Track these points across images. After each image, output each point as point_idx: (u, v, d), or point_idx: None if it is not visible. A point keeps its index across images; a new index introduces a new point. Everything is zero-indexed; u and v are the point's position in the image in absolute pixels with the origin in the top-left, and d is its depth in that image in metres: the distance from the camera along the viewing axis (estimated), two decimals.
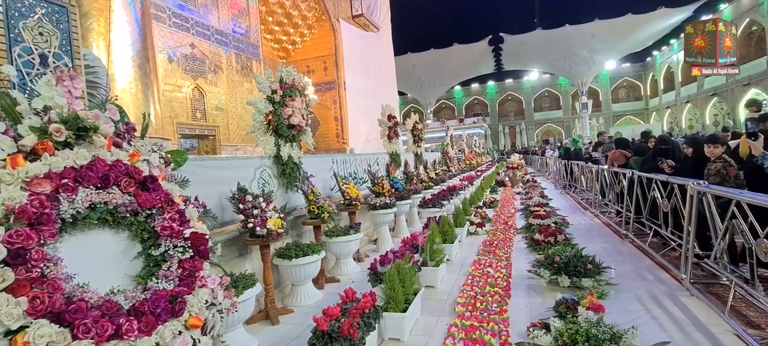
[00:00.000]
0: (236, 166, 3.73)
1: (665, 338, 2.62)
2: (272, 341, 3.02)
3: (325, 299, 3.77)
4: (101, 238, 1.75)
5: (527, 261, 4.57)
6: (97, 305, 1.52)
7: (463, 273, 4.31)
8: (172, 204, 1.98)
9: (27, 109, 1.50)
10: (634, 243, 5.11)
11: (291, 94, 4.10)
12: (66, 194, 1.51)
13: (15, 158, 1.39)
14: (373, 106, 11.62)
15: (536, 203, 8.08)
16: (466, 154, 18.48)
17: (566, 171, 11.63)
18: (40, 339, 1.30)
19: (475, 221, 6.46)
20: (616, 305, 3.27)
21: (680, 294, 3.39)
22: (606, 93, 43.17)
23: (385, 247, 5.30)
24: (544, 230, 5.33)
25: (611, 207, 7.14)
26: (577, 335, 2.40)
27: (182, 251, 1.91)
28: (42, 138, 1.48)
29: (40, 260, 1.38)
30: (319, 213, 4.10)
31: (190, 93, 8.80)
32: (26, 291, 1.33)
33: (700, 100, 30.43)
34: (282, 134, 4.07)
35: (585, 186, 9.38)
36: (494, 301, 3.46)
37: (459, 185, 9.91)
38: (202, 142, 9.33)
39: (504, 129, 44.55)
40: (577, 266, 3.74)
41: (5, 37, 2.03)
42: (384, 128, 7.70)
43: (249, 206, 3.20)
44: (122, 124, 1.91)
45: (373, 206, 5.47)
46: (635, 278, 3.92)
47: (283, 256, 3.59)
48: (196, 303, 1.85)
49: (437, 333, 2.96)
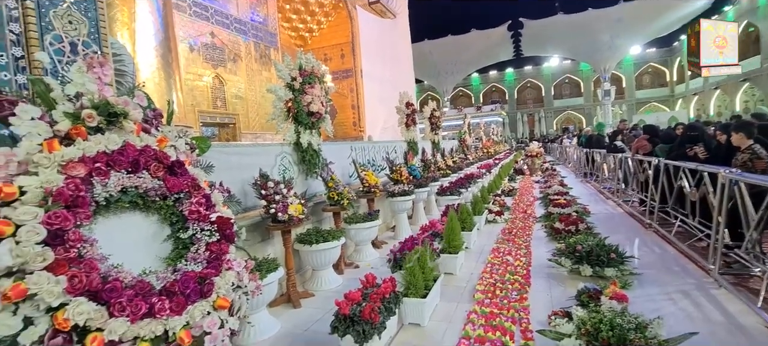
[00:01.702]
0: (257, 152, 3.78)
1: (692, 329, 2.55)
2: (294, 324, 3.09)
3: (344, 284, 3.82)
4: (133, 221, 1.81)
5: (547, 250, 4.51)
6: (131, 285, 1.58)
7: (482, 261, 4.29)
8: (198, 189, 2.03)
9: (60, 96, 1.55)
10: (658, 233, 4.97)
11: (310, 81, 4.11)
12: (99, 177, 1.56)
13: (51, 143, 1.44)
14: (390, 93, 11.53)
15: (556, 191, 7.93)
16: (483, 142, 18.24)
17: (587, 159, 11.36)
18: (80, 316, 1.37)
19: (494, 209, 6.40)
20: (641, 295, 3.20)
21: (708, 286, 3.29)
22: (629, 79, 41.68)
23: (403, 234, 5.31)
24: (565, 219, 5.24)
25: (634, 196, 6.95)
26: (601, 324, 2.35)
27: (209, 235, 1.96)
28: (75, 123, 1.53)
29: (77, 240, 1.44)
30: (339, 200, 4.13)
31: (210, 82, 8.93)
32: (65, 270, 1.39)
33: (731, 86, 29.06)
34: (302, 122, 4.09)
35: (607, 175, 9.14)
36: (514, 289, 3.43)
37: (477, 173, 9.81)
38: (223, 130, 9.49)
39: (522, 117, 43.68)
40: (599, 256, 3.67)
41: (37, 26, 2.09)
42: (402, 116, 7.65)
43: (271, 191, 3.25)
44: (149, 110, 1.95)
45: (391, 193, 5.47)
46: (660, 268, 3.82)
47: (303, 241, 3.65)
48: (223, 285, 1.90)
49: (457, 319, 2.96)
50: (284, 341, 2.82)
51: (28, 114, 1.42)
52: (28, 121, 1.42)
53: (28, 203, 1.34)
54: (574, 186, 9.59)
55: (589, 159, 11.02)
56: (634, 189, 6.96)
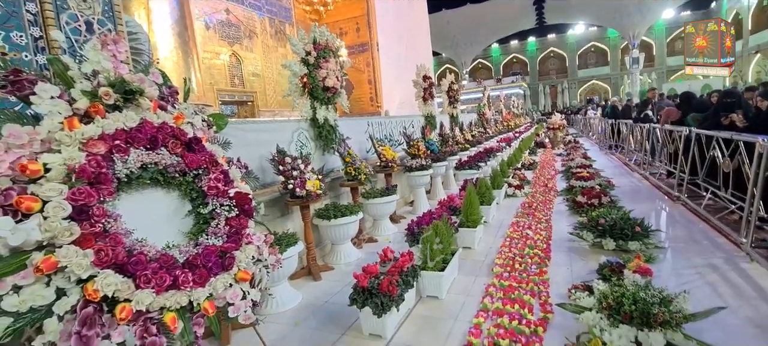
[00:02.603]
0: (274, 129, 3.80)
1: (720, 304, 2.47)
2: (315, 296, 3.16)
3: (363, 258, 3.88)
4: (154, 197, 1.86)
5: (568, 224, 4.42)
6: (155, 258, 1.63)
7: (501, 235, 4.25)
8: (216, 165, 2.05)
9: (77, 74, 1.56)
10: (687, 206, 4.78)
11: (325, 55, 4.05)
12: (119, 154, 1.59)
13: (71, 121, 1.47)
14: (408, 68, 11.31)
15: (579, 164, 7.71)
16: (503, 115, 17.81)
17: (612, 131, 10.95)
18: (108, 287, 1.42)
19: (514, 183, 6.29)
20: (666, 269, 3.11)
21: (739, 259, 3.16)
22: (660, 46, 39.40)
23: (422, 209, 5.31)
24: (588, 192, 5.10)
25: (661, 168, 6.68)
26: (623, 298, 2.30)
27: (228, 210, 1.99)
28: (93, 101, 1.55)
29: (101, 216, 1.48)
30: (356, 175, 4.14)
31: (227, 60, 8.96)
32: (91, 244, 1.44)
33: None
34: (317, 97, 4.06)
35: (633, 147, 8.80)
36: (533, 262, 3.39)
37: (496, 146, 9.62)
38: (242, 108, 9.59)
39: (544, 88, 42.23)
40: (623, 229, 3.56)
41: (52, 5, 2.11)
42: (419, 89, 7.51)
43: (288, 167, 3.27)
44: (165, 87, 1.96)
45: (409, 167, 5.44)
46: (688, 241, 3.69)
47: (322, 216, 3.69)
48: (243, 258, 1.94)
49: (475, 292, 2.96)
50: (305, 312, 2.90)
51: (47, 93, 1.45)
52: (49, 100, 1.44)
53: (52, 180, 1.38)
54: (598, 159, 9.30)
55: (615, 130, 10.62)
56: (661, 161, 6.69)
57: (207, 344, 2.52)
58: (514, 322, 2.44)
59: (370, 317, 2.38)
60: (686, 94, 6.68)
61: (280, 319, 2.82)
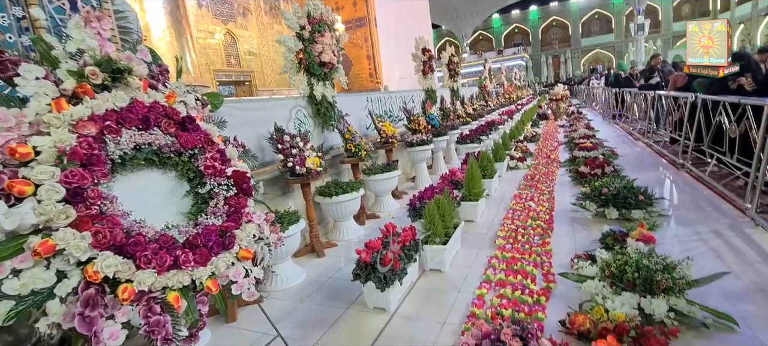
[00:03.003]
0: (272, 107, 3.74)
1: (724, 269, 2.46)
2: (319, 272, 3.19)
3: (366, 234, 3.89)
4: (151, 178, 1.83)
5: (571, 195, 4.40)
6: (155, 239, 1.62)
7: (504, 208, 4.24)
8: (212, 144, 2.01)
9: (62, 54, 1.51)
10: (691, 173, 4.73)
11: (320, 29, 3.94)
12: (111, 135, 1.55)
13: (58, 102, 1.43)
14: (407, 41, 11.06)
15: (581, 135, 7.63)
16: (505, 87, 17.55)
17: (616, 100, 10.78)
18: (108, 268, 1.41)
19: (516, 156, 6.24)
20: (669, 236, 3.10)
21: (743, 225, 3.14)
22: (666, 10, 38.33)
23: (423, 184, 5.29)
24: (591, 163, 5.05)
25: (666, 136, 6.59)
26: (626, 266, 2.30)
27: (226, 189, 1.97)
28: (80, 81, 1.50)
29: (96, 198, 1.46)
30: (356, 151, 4.10)
31: (222, 39, 8.79)
32: (88, 226, 1.42)
33: None
34: (314, 73, 3.98)
35: (637, 115, 8.67)
36: (536, 234, 3.39)
37: (498, 119, 9.52)
38: (239, 89, 9.48)
39: (547, 59, 41.48)
40: (626, 198, 3.54)
41: None
42: (418, 63, 7.36)
43: (287, 145, 3.23)
44: (155, 66, 1.91)
45: (409, 143, 5.39)
46: (691, 208, 3.67)
47: (323, 194, 3.68)
48: (244, 237, 1.93)
49: (478, 265, 2.97)
50: (310, 288, 2.93)
51: (32, 74, 1.40)
52: (34, 82, 1.40)
53: (44, 163, 1.35)
54: (601, 129, 9.20)
55: (618, 99, 10.46)
56: (666, 129, 6.59)
57: (214, 321, 2.55)
58: (517, 292, 2.46)
59: (373, 292, 2.40)
60: None
61: (285, 296, 2.85)
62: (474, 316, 2.27)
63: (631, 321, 1.92)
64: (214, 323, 2.54)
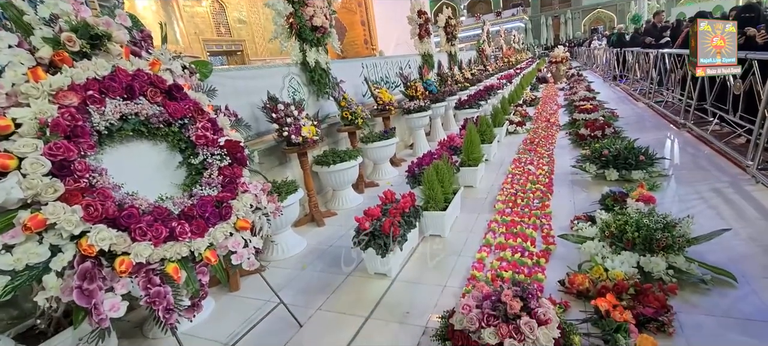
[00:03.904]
0: (263, 75, 3.63)
1: (724, 226, 2.46)
2: (319, 241, 3.19)
3: (365, 202, 3.88)
4: (141, 149, 1.78)
5: (571, 157, 4.36)
6: (149, 211, 1.59)
7: (503, 172, 4.21)
8: (202, 113, 1.95)
9: (35, 20, 1.42)
10: (692, 133, 4.68)
11: None
12: (94, 106, 1.49)
13: (35, 71, 1.36)
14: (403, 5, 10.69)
15: (582, 97, 7.51)
16: (504, 51, 17.16)
17: (617, 60, 10.55)
18: (102, 242, 1.39)
19: (515, 120, 6.17)
20: (670, 196, 3.09)
21: (744, 183, 3.12)
22: None
23: (422, 150, 5.24)
24: (591, 125, 4.99)
25: (668, 96, 6.49)
26: (626, 226, 2.29)
27: (220, 159, 1.92)
28: (56, 49, 1.42)
29: (84, 170, 1.42)
30: (353, 119, 4.02)
31: (210, 6, 8.47)
32: (79, 200, 1.39)
33: None
34: (306, 38, 3.84)
35: (639, 76, 8.51)
36: (535, 197, 3.38)
37: (497, 84, 9.34)
38: (231, 59, 9.23)
39: (547, 20, 40.31)
40: (627, 159, 3.51)
41: None
42: (414, 26, 7.12)
43: (281, 114, 3.16)
44: (136, 31, 1.81)
45: (407, 110, 5.30)
46: (692, 168, 3.64)
47: (321, 163, 3.63)
48: (241, 207, 1.91)
49: (477, 229, 2.97)
50: (311, 257, 2.94)
51: (4, 42, 1.32)
52: (7, 50, 1.32)
53: (25, 136, 1.30)
54: (602, 91, 9.06)
55: (620, 60, 10.23)
56: (668, 88, 6.47)
57: (217, 291, 2.57)
58: (517, 255, 2.46)
59: (374, 258, 2.40)
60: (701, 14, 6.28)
61: (287, 264, 2.87)
62: (474, 279, 2.28)
63: (631, 279, 1.93)
64: (218, 292, 2.56)
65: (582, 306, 1.92)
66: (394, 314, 2.10)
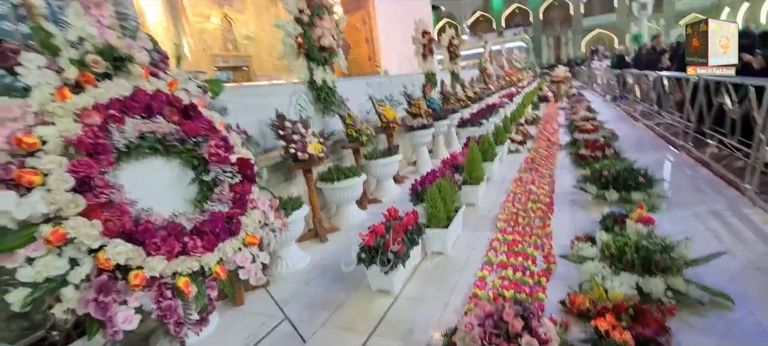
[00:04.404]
0: (272, 93, 3.72)
1: (722, 249, 2.50)
2: (322, 256, 3.23)
3: (369, 219, 3.92)
4: (156, 166, 1.84)
5: (572, 177, 4.42)
6: (163, 226, 1.65)
7: (504, 191, 4.26)
8: (215, 131, 2.02)
9: (63, 42, 1.50)
10: (691, 155, 4.75)
11: (319, 13, 3.89)
12: (115, 124, 1.56)
13: (61, 91, 1.43)
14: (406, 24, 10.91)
15: (582, 117, 7.61)
16: (505, 70, 17.39)
17: (617, 81, 10.70)
18: (119, 256, 1.44)
19: (516, 139, 6.24)
20: (669, 218, 3.13)
21: (742, 206, 3.17)
22: None
23: (425, 168, 5.30)
24: (591, 145, 5.06)
25: (667, 117, 6.58)
26: (626, 247, 2.33)
27: (231, 176, 1.98)
28: (82, 70, 1.50)
29: (104, 186, 1.48)
30: (358, 136, 4.10)
31: (219, 23, 8.67)
32: (98, 215, 1.44)
33: None
34: (314, 58, 3.95)
35: (639, 97, 8.63)
36: (537, 216, 3.43)
37: (498, 102, 9.47)
38: (237, 74, 9.39)
39: (548, 40, 40.90)
40: (627, 180, 3.56)
41: None
42: (418, 46, 7.28)
43: (289, 131, 3.24)
44: (155, 53, 1.90)
45: (410, 127, 5.38)
46: (691, 189, 3.69)
47: (325, 179, 3.69)
48: (250, 223, 1.96)
49: (479, 247, 3.01)
50: (314, 272, 2.97)
51: (34, 63, 1.40)
52: (36, 71, 1.40)
53: (51, 153, 1.37)
54: (602, 111, 9.18)
55: (620, 81, 10.38)
56: (668, 110, 6.57)
57: (222, 305, 2.60)
58: (518, 273, 2.50)
59: (377, 274, 2.44)
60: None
61: (291, 280, 2.90)
62: (476, 297, 2.31)
63: (630, 300, 1.97)
64: (223, 307, 2.59)
65: (582, 326, 1.95)
66: (396, 331, 2.13)
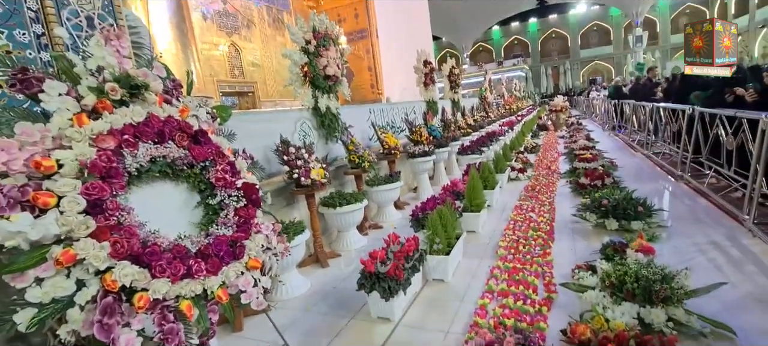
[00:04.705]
0: (277, 119, 3.82)
1: (722, 279, 2.51)
2: (323, 282, 3.23)
3: (369, 244, 3.93)
4: (164, 189, 1.89)
5: (572, 205, 4.44)
6: (169, 249, 1.68)
7: (505, 218, 4.28)
8: (222, 156, 2.08)
9: (83, 70, 1.58)
10: (689, 185, 4.79)
11: (325, 43, 4.04)
12: (128, 149, 1.62)
13: (80, 117, 1.50)
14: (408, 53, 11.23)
15: (581, 146, 7.71)
16: (505, 98, 17.70)
17: (615, 111, 10.88)
18: (125, 278, 1.47)
19: (517, 167, 6.31)
20: (668, 247, 3.15)
21: (741, 236, 3.19)
22: (665, 23, 38.73)
23: (425, 194, 5.34)
24: (591, 174, 5.12)
25: (665, 147, 6.67)
26: (626, 276, 2.34)
27: (236, 200, 2.03)
28: (100, 97, 1.57)
29: (115, 209, 1.52)
30: (360, 163, 4.17)
31: (226, 50, 8.91)
32: (107, 237, 1.48)
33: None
34: (319, 86, 4.07)
35: (636, 126, 8.76)
36: (537, 244, 3.44)
37: (498, 130, 9.61)
38: (242, 99, 9.57)
39: (546, 70, 41.77)
40: (626, 209, 3.59)
41: (53, 1, 2.11)
42: (420, 75, 7.47)
43: (293, 157, 3.30)
44: (169, 81, 1.98)
45: (411, 154, 5.46)
46: (690, 220, 3.72)
47: (327, 204, 3.73)
48: (253, 247, 1.99)
49: (480, 274, 3.01)
50: (315, 298, 2.96)
51: (55, 90, 1.47)
52: (57, 98, 1.47)
53: (66, 176, 1.42)
54: (601, 140, 9.29)
55: (618, 111, 10.56)
56: (665, 140, 6.67)
57: (221, 330, 2.59)
58: (519, 302, 2.50)
59: (378, 301, 2.44)
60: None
61: (291, 305, 2.89)
62: (477, 325, 2.30)
63: (631, 330, 1.96)
64: (222, 332, 2.57)
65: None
66: None
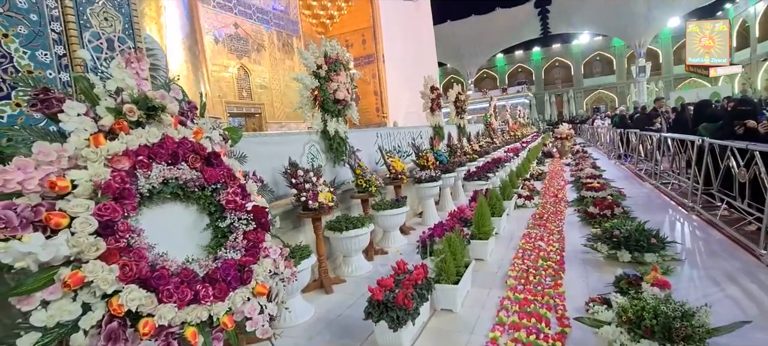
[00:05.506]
0: (286, 141, 3.83)
1: (742, 317, 2.42)
2: (328, 309, 3.15)
3: (374, 270, 3.86)
4: (174, 211, 1.87)
5: (581, 235, 4.37)
6: (177, 273, 1.64)
7: (513, 247, 4.21)
8: (233, 179, 2.07)
9: (102, 92, 1.60)
10: (701, 217, 4.71)
11: (336, 68, 4.10)
12: (142, 170, 1.61)
13: (97, 137, 1.50)
14: (413, 78, 11.39)
15: (588, 174, 7.66)
16: (510, 125, 17.79)
17: (621, 140, 10.88)
18: (132, 302, 1.43)
19: (523, 194, 6.26)
20: (684, 281, 3.06)
21: (758, 271, 3.10)
22: (667, 54, 39.23)
23: (431, 220, 5.29)
24: (600, 203, 5.05)
25: (673, 178, 6.61)
26: (644, 312, 2.26)
27: (246, 223, 2.00)
28: (117, 118, 1.57)
29: (126, 231, 1.50)
30: (367, 187, 4.14)
31: (236, 73, 9.08)
32: (116, 259, 1.45)
33: None
34: (328, 109, 4.10)
35: (643, 156, 8.73)
36: (548, 275, 3.36)
37: (504, 156, 9.60)
38: (249, 120, 9.67)
39: (550, 97, 42.18)
40: (638, 240, 3.52)
41: (76, 24, 2.16)
42: (427, 100, 7.54)
43: (301, 180, 3.29)
44: (185, 103, 1.99)
45: (418, 179, 5.44)
46: (705, 253, 3.63)
47: (333, 228, 3.69)
48: (261, 272, 1.95)
49: (489, 305, 2.93)
50: (319, 326, 2.88)
51: (74, 110, 1.48)
52: (75, 118, 1.47)
53: (79, 196, 1.40)
54: (608, 168, 9.24)
55: (624, 140, 10.56)
56: (674, 171, 6.62)
57: None
58: (532, 336, 2.41)
59: (385, 331, 2.36)
60: (701, 103, 6.59)
61: (294, 332, 2.81)
62: None
63: None
64: None
65: None
66: None
